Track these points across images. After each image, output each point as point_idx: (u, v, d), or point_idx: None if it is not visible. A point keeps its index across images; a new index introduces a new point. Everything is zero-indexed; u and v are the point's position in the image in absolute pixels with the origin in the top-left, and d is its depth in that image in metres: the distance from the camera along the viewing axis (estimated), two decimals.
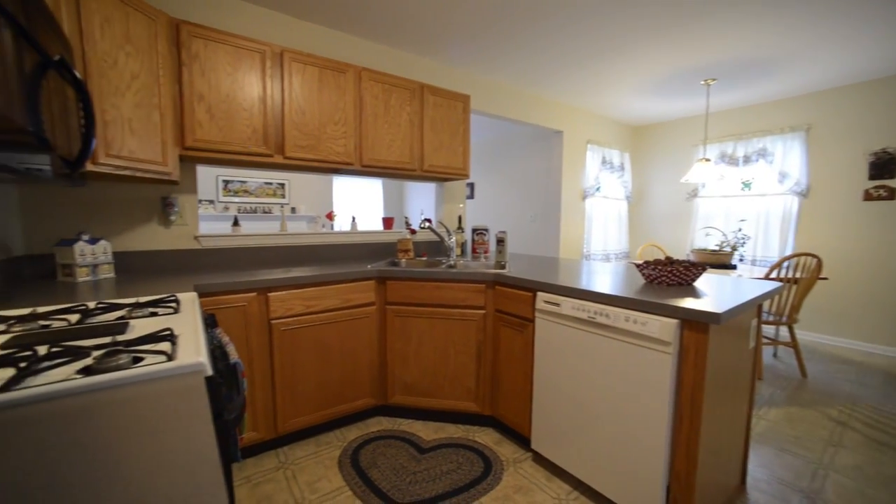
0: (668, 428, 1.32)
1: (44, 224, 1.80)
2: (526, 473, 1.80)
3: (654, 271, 1.65)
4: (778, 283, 1.68)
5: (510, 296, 1.95)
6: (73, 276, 1.69)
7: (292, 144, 2.06)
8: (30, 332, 0.93)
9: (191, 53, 1.76)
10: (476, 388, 2.12)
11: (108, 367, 0.71)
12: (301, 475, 1.78)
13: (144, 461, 0.43)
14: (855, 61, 2.99)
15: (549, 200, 4.41)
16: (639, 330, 1.37)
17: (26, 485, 0.40)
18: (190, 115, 1.78)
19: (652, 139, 4.97)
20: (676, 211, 4.79)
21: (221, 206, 5.48)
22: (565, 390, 1.67)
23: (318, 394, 1.99)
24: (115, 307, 1.18)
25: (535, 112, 3.83)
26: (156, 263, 2.06)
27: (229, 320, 1.72)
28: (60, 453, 0.45)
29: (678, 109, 4.30)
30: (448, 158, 2.69)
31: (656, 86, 3.56)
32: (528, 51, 2.86)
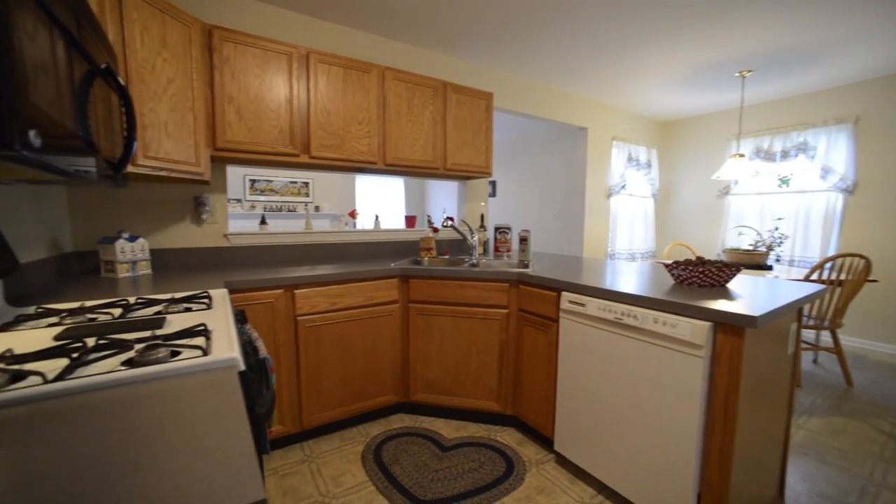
0: (699, 434, 1.28)
1: (89, 223, 1.90)
2: (549, 475, 1.78)
3: (685, 272, 1.59)
4: (820, 286, 1.59)
5: (534, 295, 1.93)
6: (115, 271, 1.78)
7: (317, 144, 2.10)
8: (79, 324, 0.98)
9: (222, 57, 1.82)
10: (498, 387, 2.11)
11: (148, 360, 0.74)
12: (325, 469, 1.82)
13: (186, 452, 0.44)
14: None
15: (572, 199, 4.34)
16: (668, 332, 1.33)
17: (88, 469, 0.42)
18: (221, 116, 1.84)
19: (681, 135, 4.80)
20: (706, 209, 4.61)
21: (248, 205, 5.65)
22: (590, 392, 1.64)
23: (342, 390, 2.02)
24: (153, 302, 1.23)
25: (560, 109, 3.76)
26: (188, 260, 2.14)
27: (257, 316, 1.77)
28: (114, 440, 0.48)
29: (710, 103, 4.14)
30: (471, 157, 2.68)
31: (687, 79, 3.43)
32: (553, 47, 2.81)
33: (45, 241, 1.59)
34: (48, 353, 0.75)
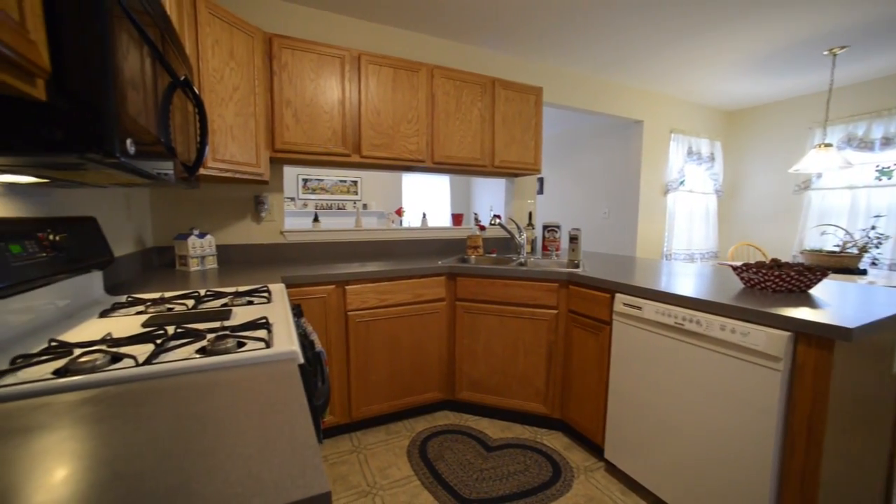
0: (775, 456, 1.16)
1: (166, 221, 2.09)
2: (598, 484, 1.71)
3: (757, 275, 1.45)
4: None
5: (585, 296, 1.85)
6: (187, 265, 1.94)
7: (368, 144, 2.16)
8: (160, 313, 1.08)
9: (280, 63, 1.92)
10: (545, 389, 2.06)
11: (218, 349, 0.80)
12: (372, 460, 1.87)
13: (256, 439, 0.47)
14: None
15: (625, 195, 4.12)
16: (738, 341, 1.22)
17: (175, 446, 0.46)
18: (279, 120, 1.94)
19: (751, 124, 4.38)
20: (780, 206, 4.17)
21: (301, 203, 5.94)
22: (645, 399, 1.55)
23: (389, 384, 2.07)
24: (220, 295, 1.33)
25: (613, 101, 3.58)
26: (248, 256, 2.29)
27: (311, 311, 1.85)
28: (194, 423, 0.52)
29: (789, 87, 3.70)
30: (519, 153, 2.63)
31: (762, 61, 3.10)
32: (607, 37, 2.67)
33: (132, 237, 1.78)
34: (138, 338, 0.83)
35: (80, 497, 0.38)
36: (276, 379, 0.67)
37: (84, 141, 0.55)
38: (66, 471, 0.42)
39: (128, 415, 0.55)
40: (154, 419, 0.53)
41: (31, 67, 0.46)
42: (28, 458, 0.44)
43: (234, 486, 0.39)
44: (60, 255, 0.99)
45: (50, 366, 0.71)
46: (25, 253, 0.85)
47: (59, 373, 0.68)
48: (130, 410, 0.56)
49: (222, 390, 0.62)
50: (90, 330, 0.95)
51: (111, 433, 0.50)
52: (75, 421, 0.53)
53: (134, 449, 0.46)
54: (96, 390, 0.63)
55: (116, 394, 0.62)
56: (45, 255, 0.92)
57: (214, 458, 0.44)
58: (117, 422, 0.53)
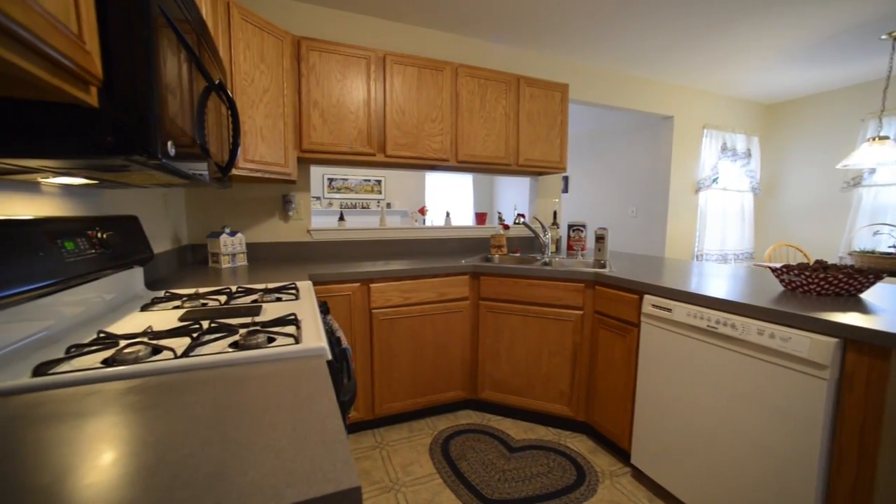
0: (821, 472, 1.09)
1: (200, 220, 2.18)
2: (624, 490, 1.67)
3: (799, 277, 1.38)
4: None
5: (612, 297, 1.81)
6: (219, 262, 2.02)
7: (393, 143, 2.18)
8: (195, 308, 1.13)
9: (308, 65, 1.97)
10: (570, 391, 2.02)
11: (250, 344, 0.83)
12: (395, 457, 1.89)
13: (288, 433, 0.48)
14: None
15: (653, 194, 3.99)
16: (778, 346, 1.16)
17: (213, 436, 0.48)
18: (307, 121, 1.99)
19: (792, 118, 4.14)
20: (824, 204, 3.92)
21: (326, 202, 6.07)
22: (675, 404, 1.50)
23: (412, 382, 2.09)
24: (251, 291, 1.37)
25: (641, 97, 3.48)
26: (276, 253, 2.35)
27: (336, 308, 1.89)
28: (231, 414, 0.54)
29: (838, 76, 3.45)
30: (544, 152, 2.59)
31: (810, 49, 2.89)
32: (635, 30, 2.59)
33: (169, 235, 1.86)
34: (176, 332, 0.87)
35: (131, 480, 0.40)
36: (306, 374, 0.69)
37: (130, 144, 0.58)
38: (117, 453, 0.45)
39: (169, 404, 0.57)
40: (193, 409, 0.56)
41: (87, 76, 0.48)
42: (83, 441, 0.47)
43: (269, 477, 0.41)
44: (107, 251, 1.04)
45: (99, 356, 0.75)
46: (77, 249, 0.91)
47: (107, 362, 0.72)
48: (171, 400, 0.59)
49: (254, 383, 0.65)
50: (133, 323, 1.00)
51: (155, 421, 0.52)
52: (123, 408, 0.56)
53: (176, 436, 0.48)
54: (140, 380, 0.67)
55: (158, 384, 0.65)
56: (94, 252, 0.98)
57: (250, 450, 0.45)
58: (160, 410, 0.55)
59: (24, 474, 0.41)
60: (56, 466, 0.42)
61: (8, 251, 0.71)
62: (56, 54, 0.42)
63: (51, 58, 0.41)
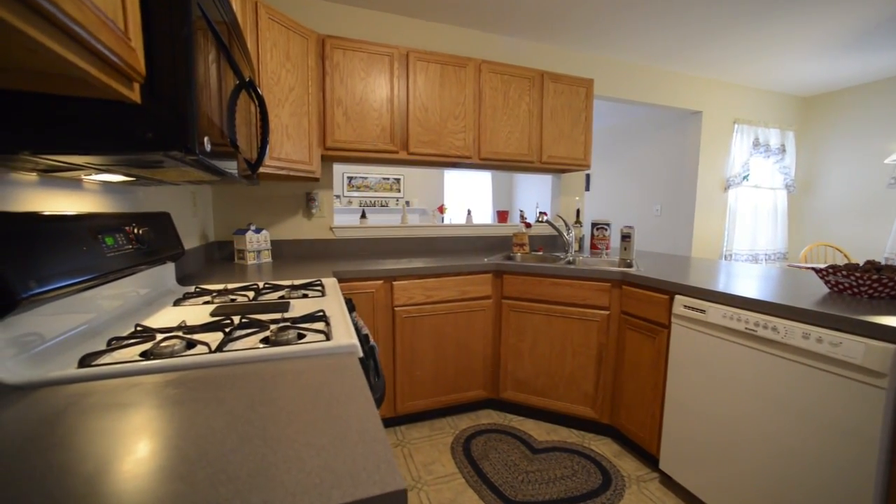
0: (878, 489, 1.02)
1: (226, 217, 2.22)
2: (652, 496, 1.62)
3: (849, 279, 1.30)
4: None
5: (640, 297, 1.76)
6: (245, 259, 2.06)
7: (415, 140, 2.17)
8: (225, 304, 1.15)
9: (332, 63, 1.98)
10: (594, 393, 1.98)
11: (281, 340, 0.83)
12: (417, 455, 1.89)
13: (328, 431, 0.48)
14: None
15: (679, 191, 3.87)
16: (827, 352, 1.10)
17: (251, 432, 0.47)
18: (331, 118, 2.00)
19: (832, 111, 3.93)
20: (867, 202, 3.69)
21: (346, 201, 6.13)
22: (708, 409, 1.44)
23: (434, 380, 2.08)
24: (278, 288, 1.38)
25: (669, 92, 3.37)
26: (300, 250, 2.38)
27: (359, 305, 1.90)
28: (267, 410, 0.54)
29: (880, 67, 3.25)
30: (568, 149, 2.54)
31: (850, 39, 2.74)
32: (663, 22, 2.51)
33: (197, 232, 1.91)
34: (208, 326, 0.88)
35: (174, 472, 0.40)
36: (339, 371, 0.68)
37: (169, 140, 0.58)
38: (158, 445, 0.45)
39: (207, 398, 0.58)
40: (230, 404, 0.56)
41: (131, 72, 0.49)
42: (128, 432, 0.48)
43: (312, 476, 0.40)
44: (143, 247, 1.07)
45: (138, 348, 0.77)
46: (116, 244, 0.93)
47: (145, 355, 0.73)
48: (209, 394, 0.59)
49: (289, 380, 0.65)
50: (167, 317, 1.02)
51: (194, 414, 0.53)
52: (162, 401, 0.57)
53: (216, 431, 0.48)
54: (177, 373, 0.67)
55: (195, 378, 0.65)
56: (131, 247, 1.00)
57: (290, 447, 0.45)
58: (198, 404, 0.56)
59: (74, 462, 0.41)
60: (101, 456, 0.43)
61: (56, 245, 0.74)
62: (105, 50, 0.42)
63: (100, 53, 0.42)
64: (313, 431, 0.48)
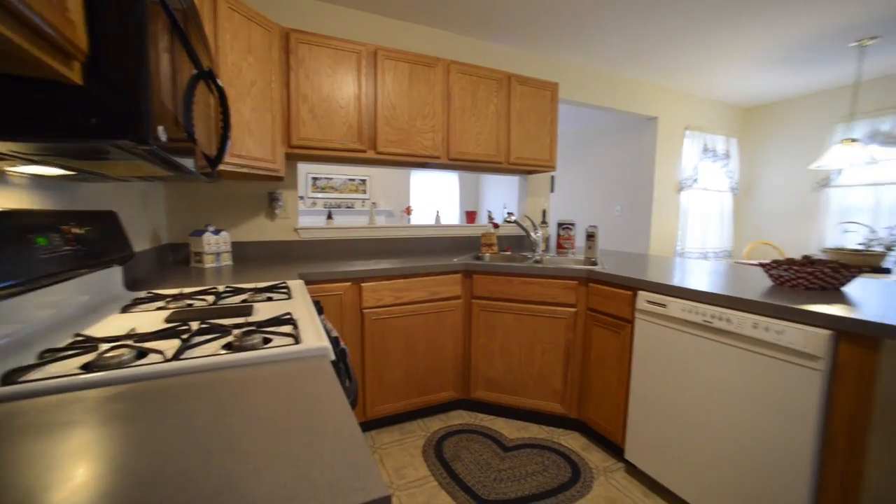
0: (813, 462, 1.11)
1: (181, 217, 2.08)
2: (619, 485, 1.68)
3: (788, 272, 1.41)
4: None
5: (606, 294, 1.82)
6: (202, 262, 1.93)
7: (384, 139, 2.14)
8: (182, 309, 1.07)
9: (297, 58, 1.90)
10: (563, 389, 2.02)
11: (246, 345, 0.78)
12: (388, 460, 1.85)
13: (303, 439, 0.45)
14: None
15: (638, 193, 4.06)
16: (772, 339, 1.18)
17: (216, 446, 0.43)
18: (296, 115, 1.93)
19: (769, 121, 4.29)
20: (798, 204, 4.08)
21: (310, 202, 5.95)
22: (669, 399, 1.51)
23: (404, 383, 2.05)
24: (240, 291, 1.31)
25: (627, 98, 3.53)
26: (263, 253, 2.28)
27: (328, 307, 1.83)
28: (235, 420, 0.49)
29: (811, 82, 3.59)
30: (535, 150, 2.59)
31: (785, 55, 3.00)
32: (622, 30, 2.62)
33: (148, 233, 1.77)
34: (163, 333, 0.81)
35: (125, 497, 0.36)
36: (311, 375, 0.65)
37: (118, 127, 0.53)
38: (105, 468, 0.40)
39: (164, 411, 0.53)
40: (190, 416, 0.51)
41: (70, 48, 0.43)
42: (63, 455, 0.42)
43: (286, 488, 0.37)
44: (83, 248, 0.97)
45: (78, 360, 0.69)
46: (51, 246, 0.84)
47: (87, 368, 0.66)
48: (164, 407, 0.54)
49: (257, 387, 0.60)
50: (114, 325, 0.94)
51: (149, 430, 0.48)
52: (109, 418, 0.51)
53: (175, 447, 0.44)
54: (127, 386, 0.61)
55: (149, 390, 0.60)
56: (69, 249, 0.91)
57: (260, 459, 0.42)
58: (154, 419, 0.51)
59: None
60: (29, 485, 0.37)
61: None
62: (35, 18, 0.37)
63: (28, 21, 0.36)
64: (287, 440, 0.45)
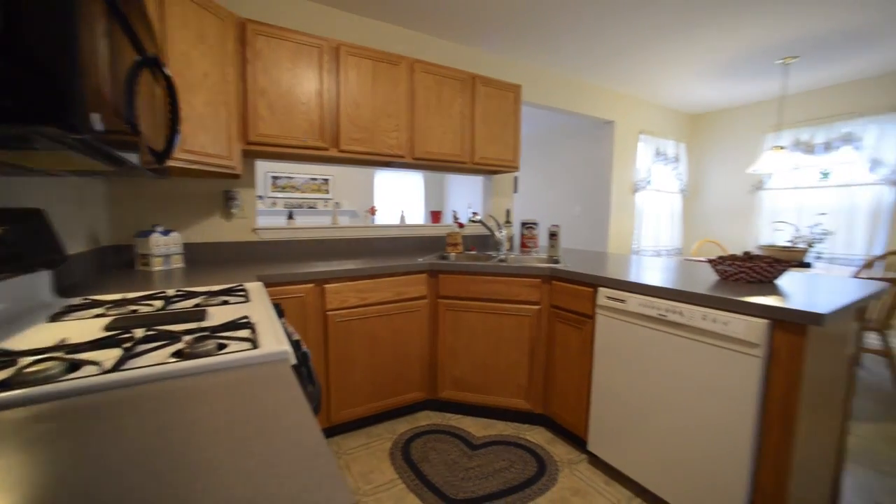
0: (753, 438, 1.21)
1: (125, 217, 1.92)
2: (582, 476, 1.73)
3: (732, 267, 1.52)
4: (884, 284, 1.49)
5: (568, 291, 1.87)
6: (150, 265, 1.80)
7: (347, 137, 2.08)
8: (125, 315, 0.98)
9: (254, 50, 1.81)
10: (528, 385, 2.06)
11: (199, 352, 0.72)
12: (354, 466, 1.80)
13: (261, 450, 0.42)
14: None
15: (597, 194, 4.23)
16: (719, 330, 1.26)
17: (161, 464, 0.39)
18: (253, 110, 1.84)
19: (712, 128, 4.62)
20: (737, 205, 4.44)
21: (270, 202, 5.71)
22: (628, 390, 1.58)
23: (370, 386, 2.01)
24: (192, 295, 1.23)
25: (586, 101, 3.67)
26: (218, 254, 2.15)
27: (288, 310, 1.76)
28: (183, 434, 0.45)
29: (747, 93, 3.94)
30: (499, 151, 2.63)
31: (724, 68, 3.28)
32: (583, 35, 2.72)
33: (85, 234, 1.62)
34: (100, 343, 0.74)
35: None
36: (271, 382, 0.61)
37: (41, 112, 0.47)
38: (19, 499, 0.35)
39: (99, 430, 0.47)
40: (132, 433, 0.46)
41: None
42: None
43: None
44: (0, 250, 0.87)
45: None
46: None
47: (5, 385, 0.59)
48: (100, 425, 0.49)
49: (210, 396, 0.56)
50: (39, 336, 0.84)
51: (80, 452, 0.43)
52: (30, 440, 0.45)
53: (112, 469, 0.40)
54: (54, 403, 0.55)
55: (81, 406, 0.54)
56: None
57: (213, 475, 0.38)
58: (87, 439, 0.45)
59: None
60: None
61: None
62: None
63: None
64: (244, 453, 0.42)
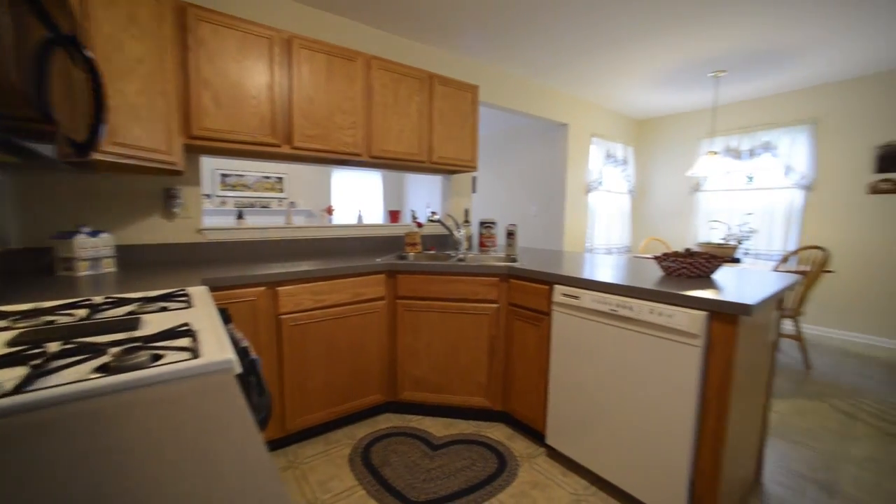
0: (693, 422, 1.30)
1: (41, 216, 1.73)
2: (541, 469, 1.78)
3: (675, 263, 1.62)
4: (797, 276, 1.66)
5: (525, 289, 1.91)
6: (73, 269, 1.63)
7: (300, 134, 2.00)
8: (36, 328, 0.87)
9: (197, 38, 1.69)
10: (488, 383, 2.09)
11: (127, 365, 0.66)
12: (312, 474, 1.74)
13: (194, 473, 0.38)
14: (863, 53, 2.98)
15: (552, 194, 4.38)
16: (665, 322, 1.34)
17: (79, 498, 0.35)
18: (196, 102, 1.71)
19: (656, 133, 4.94)
20: (679, 205, 4.78)
21: (218, 201, 5.38)
22: (583, 384, 1.64)
23: (327, 391, 1.94)
24: (124, 302, 1.12)
25: (542, 104, 3.78)
26: (158, 257, 1.99)
27: (238, 315, 1.66)
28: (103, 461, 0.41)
29: (685, 102, 4.27)
30: (457, 150, 2.64)
31: (664, 78, 3.53)
32: (539, 39, 2.80)
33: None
34: (1, 360, 0.65)
35: None
36: (211, 394, 0.56)
37: None
38: None
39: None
40: (44, 464, 0.41)
41: None
42: None
43: None
44: None
45: None
46: None
47: None
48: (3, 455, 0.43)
49: (139, 415, 0.51)
50: None
51: None
52: None
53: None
54: None
55: None
56: None
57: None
58: None
59: None
60: None
61: None
62: None
63: None
64: (174, 477, 0.38)
